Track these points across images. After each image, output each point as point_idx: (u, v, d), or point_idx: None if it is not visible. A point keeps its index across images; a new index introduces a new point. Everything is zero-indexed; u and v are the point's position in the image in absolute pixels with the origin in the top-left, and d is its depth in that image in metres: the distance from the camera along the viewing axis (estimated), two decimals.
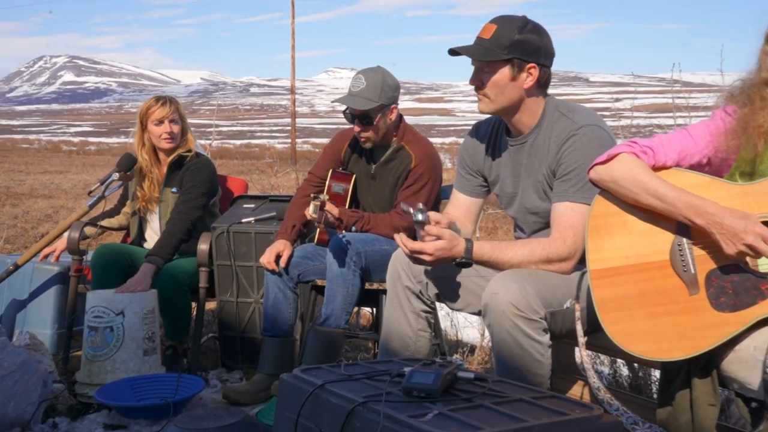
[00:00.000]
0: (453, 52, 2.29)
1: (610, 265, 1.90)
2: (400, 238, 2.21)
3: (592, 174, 2.01)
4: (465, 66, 2.37)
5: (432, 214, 2.23)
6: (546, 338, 2.11)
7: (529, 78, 2.28)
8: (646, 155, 1.95)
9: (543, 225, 2.39)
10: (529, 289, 2.07)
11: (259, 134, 58.36)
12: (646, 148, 1.95)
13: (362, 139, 3.17)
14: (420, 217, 2.19)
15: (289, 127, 30.65)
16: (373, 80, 3.11)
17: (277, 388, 3.02)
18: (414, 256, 2.21)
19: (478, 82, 2.30)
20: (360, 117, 3.11)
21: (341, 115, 3.24)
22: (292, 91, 27.72)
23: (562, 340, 2.31)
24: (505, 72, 2.26)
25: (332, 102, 3.19)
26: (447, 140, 41.50)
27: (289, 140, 30.22)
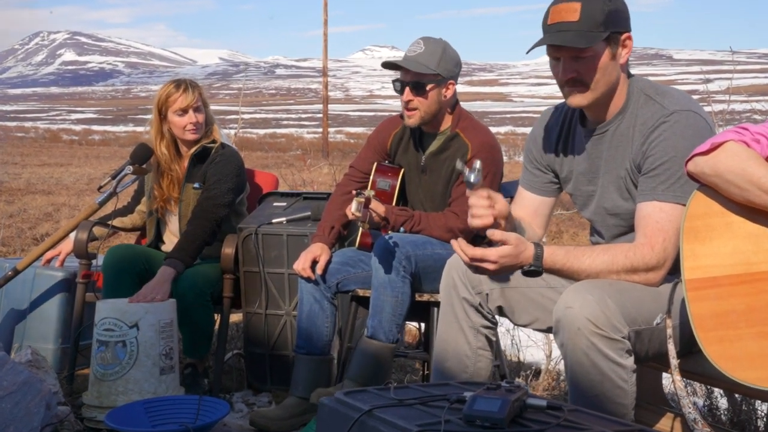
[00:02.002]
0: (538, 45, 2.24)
1: (711, 275, 1.88)
2: (459, 244, 2.20)
3: (691, 166, 1.98)
4: (523, 44, 2.36)
5: (497, 200, 2.22)
6: (630, 361, 2.09)
7: (625, 51, 2.28)
8: (759, 144, 1.92)
9: (625, 229, 2.37)
10: (610, 302, 2.06)
11: (285, 122, 58.86)
12: (759, 135, 1.92)
13: (409, 114, 3.19)
14: (472, 179, 2.19)
15: (320, 115, 30.83)
16: (434, 47, 3.15)
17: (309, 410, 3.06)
18: (474, 265, 2.21)
19: (574, 72, 2.25)
20: (412, 84, 3.14)
21: (380, 101, 3.28)
22: (323, 73, 27.87)
23: (647, 363, 2.28)
24: (606, 53, 2.24)
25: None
26: (503, 129, 41.35)
27: (320, 129, 30.43)
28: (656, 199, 2.20)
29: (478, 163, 2.21)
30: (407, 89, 3.17)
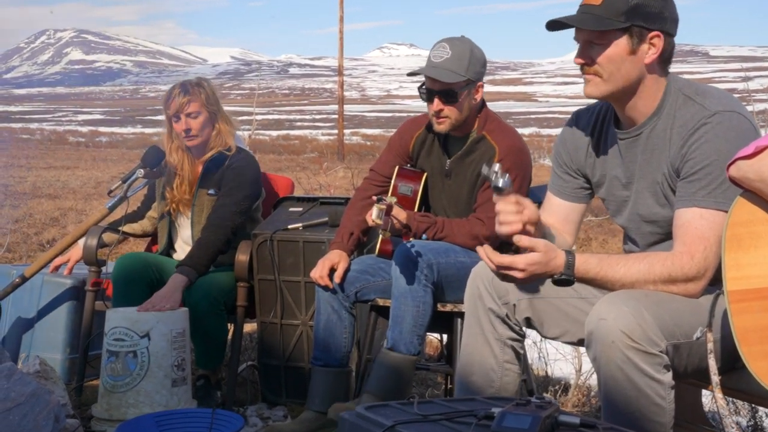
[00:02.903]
0: (555, 24, 2.27)
1: (756, 286, 1.86)
2: (485, 251, 2.20)
3: (733, 171, 1.96)
4: (550, 41, 2.36)
5: (526, 205, 2.21)
6: (667, 377, 2.07)
7: (651, 50, 2.26)
8: None
9: (662, 236, 2.35)
10: (647, 314, 2.04)
11: (299, 124, 59.08)
12: None
13: (440, 121, 3.17)
14: (500, 183, 2.19)
15: (335, 116, 30.92)
16: (460, 50, 3.12)
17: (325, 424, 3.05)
18: (501, 273, 2.20)
19: (587, 58, 2.27)
20: (442, 93, 3.12)
21: (397, 102, 3.28)
22: (339, 72, 27.94)
23: (686, 379, 2.26)
24: (622, 44, 2.23)
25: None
26: (527, 131, 41.27)
27: (336, 131, 30.50)
28: (696, 205, 2.17)
29: (497, 166, 2.20)
30: (437, 99, 3.13)
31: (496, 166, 2.21)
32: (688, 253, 2.15)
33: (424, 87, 3.17)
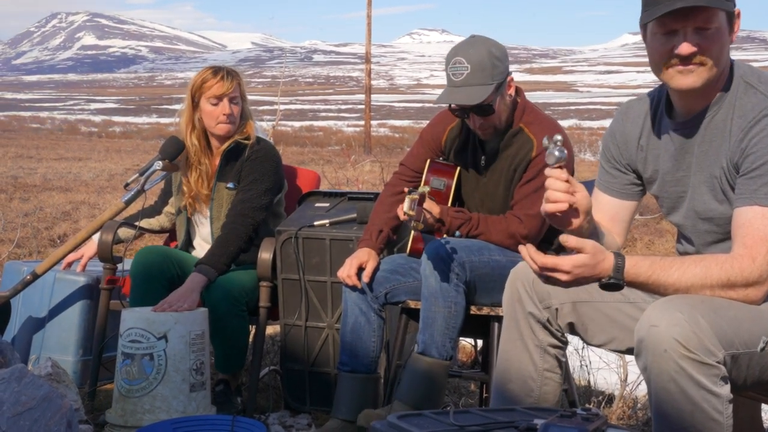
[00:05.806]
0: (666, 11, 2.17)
1: None
2: (528, 250, 2.18)
3: None
4: (592, 26, 2.30)
5: (578, 188, 2.18)
6: (725, 390, 2.04)
7: (736, 27, 2.24)
8: None
9: (720, 236, 2.32)
10: (703, 321, 2.01)
11: (323, 114, 59.32)
12: None
13: (484, 132, 3.17)
14: (557, 153, 2.15)
15: (362, 106, 30.98)
16: (478, 58, 3.07)
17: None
18: (545, 275, 2.18)
19: (696, 47, 2.18)
20: (476, 109, 3.10)
21: (428, 92, 3.27)
22: (366, 59, 27.98)
23: (745, 392, 2.23)
24: (725, 24, 2.20)
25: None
26: (567, 123, 41.14)
27: (362, 122, 30.56)
28: (758, 203, 2.14)
29: (558, 136, 2.17)
30: (473, 115, 3.12)
31: (558, 136, 2.18)
32: (749, 256, 2.12)
33: (457, 107, 3.14)
